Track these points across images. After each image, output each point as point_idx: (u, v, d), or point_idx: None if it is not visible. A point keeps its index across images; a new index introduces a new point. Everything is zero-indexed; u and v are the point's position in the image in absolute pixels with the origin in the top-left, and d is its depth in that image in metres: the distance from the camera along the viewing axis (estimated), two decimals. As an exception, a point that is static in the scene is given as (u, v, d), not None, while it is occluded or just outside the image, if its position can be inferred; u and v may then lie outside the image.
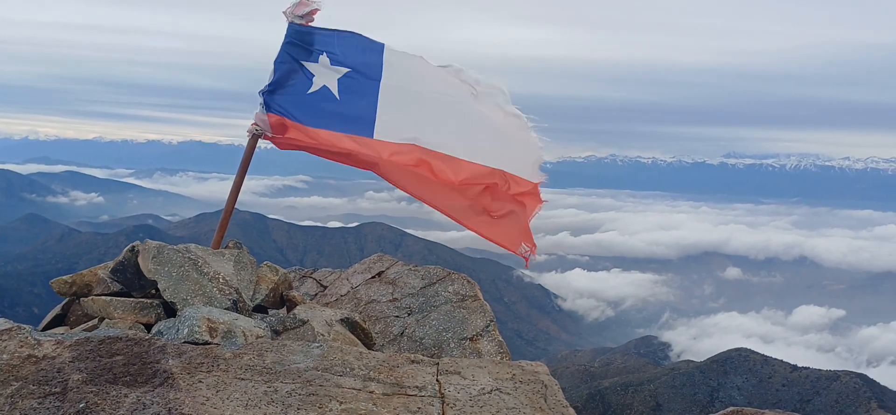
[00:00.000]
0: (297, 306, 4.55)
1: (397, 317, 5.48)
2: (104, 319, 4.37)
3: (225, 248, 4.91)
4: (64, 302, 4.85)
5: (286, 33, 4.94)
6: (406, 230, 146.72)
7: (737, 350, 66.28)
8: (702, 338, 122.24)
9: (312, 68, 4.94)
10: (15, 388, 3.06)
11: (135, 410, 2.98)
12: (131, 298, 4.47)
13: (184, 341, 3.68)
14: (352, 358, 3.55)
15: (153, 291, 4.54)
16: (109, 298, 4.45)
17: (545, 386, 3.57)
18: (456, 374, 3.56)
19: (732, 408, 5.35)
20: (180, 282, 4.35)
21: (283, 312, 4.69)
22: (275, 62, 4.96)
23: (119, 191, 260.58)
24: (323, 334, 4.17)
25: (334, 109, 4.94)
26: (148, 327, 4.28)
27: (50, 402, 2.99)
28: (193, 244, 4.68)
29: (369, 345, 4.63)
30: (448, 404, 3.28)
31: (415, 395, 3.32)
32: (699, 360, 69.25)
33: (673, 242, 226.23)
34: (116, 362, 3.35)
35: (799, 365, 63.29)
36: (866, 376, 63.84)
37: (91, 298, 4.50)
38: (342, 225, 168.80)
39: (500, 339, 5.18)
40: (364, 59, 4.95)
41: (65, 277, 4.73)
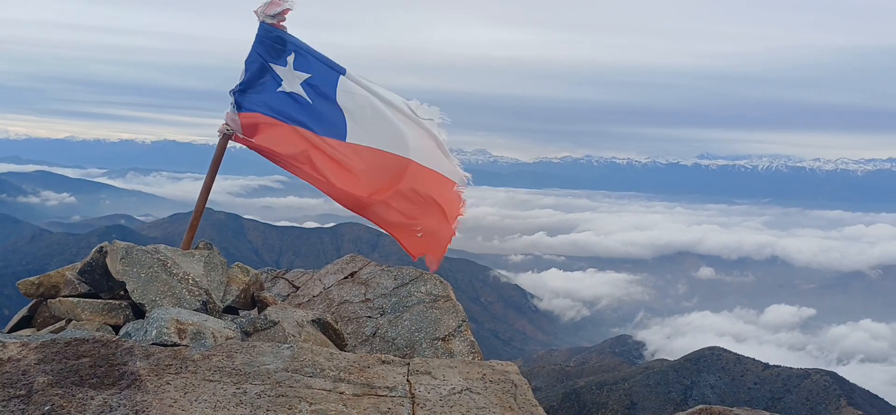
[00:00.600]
0: (269, 307, 4.52)
1: (370, 317, 5.48)
2: (72, 320, 4.32)
3: (195, 248, 4.88)
4: (31, 303, 4.78)
5: (257, 33, 4.92)
6: (382, 231, 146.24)
7: (710, 349, 66.95)
8: (675, 337, 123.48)
9: (281, 71, 4.93)
10: (-22, 391, 3.02)
11: (101, 412, 2.95)
12: (99, 300, 4.42)
13: (152, 343, 3.65)
14: (322, 359, 3.55)
15: (122, 293, 4.49)
16: (77, 299, 4.39)
17: (515, 386, 3.59)
18: (426, 374, 3.57)
19: (701, 406, 5.42)
20: (149, 283, 4.31)
21: (255, 313, 4.66)
22: (246, 61, 4.94)
23: (91, 191, 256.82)
24: (294, 335, 4.16)
25: (305, 107, 4.93)
26: (116, 328, 4.24)
27: (14, 405, 2.95)
28: (163, 245, 4.64)
29: (341, 346, 4.62)
30: (418, 404, 3.29)
31: (385, 395, 3.32)
32: (673, 359, 69.90)
33: (647, 243, 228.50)
34: (83, 364, 3.31)
35: (770, 363, 64.11)
36: (836, 374, 64.92)
37: (58, 299, 4.44)
38: (318, 225, 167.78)
39: (472, 339, 5.20)
40: (323, 72, 4.95)
41: (32, 278, 4.67)
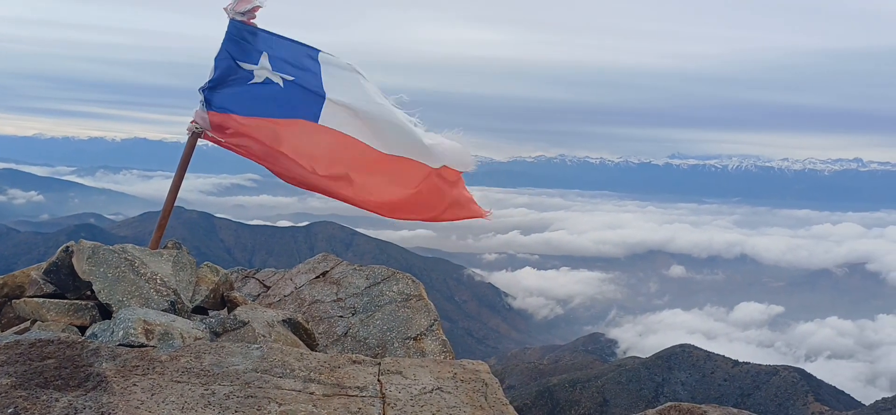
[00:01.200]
0: (238, 307, 4.49)
1: (341, 317, 5.46)
2: (36, 321, 4.24)
3: (164, 248, 4.82)
4: (-6, 304, 4.69)
5: (227, 31, 4.88)
6: (357, 229, 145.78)
7: (681, 346, 67.63)
8: (647, 335, 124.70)
9: (252, 69, 4.88)
10: (-63, 394, 2.96)
11: (66, 414, 2.91)
12: (65, 300, 4.35)
13: (118, 344, 3.61)
14: (292, 359, 3.53)
15: (88, 293, 4.42)
16: (42, 300, 4.32)
17: (486, 385, 3.60)
18: (397, 374, 3.57)
19: (671, 403, 5.49)
20: (116, 283, 4.26)
21: (224, 313, 4.62)
22: (216, 59, 4.89)
23: (60, 189, 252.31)
24: (264, 336, 4.13)
25: (278, 95, 4.88)
26: (82, 329, 4.17)
27: (-25, 408, 2.90)
28: (130, 244, 4.58)
29: (312, 346, 4.60)
30: (389, 404, 3.29)
31: (355, 395, 3.31)
32: (645, 356, 70.54)
33: (620, 241, 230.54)
34: (47, 365, 3.26)
35: (740, 360, 64.99)
36: (803, 370, 65.99)
37: (23, 299, 4.37)
38: (292, 224, 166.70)
39: (444, 338, 5.21)
40: (304, 70, 4.90)
41: (-4, 278, 4.58)
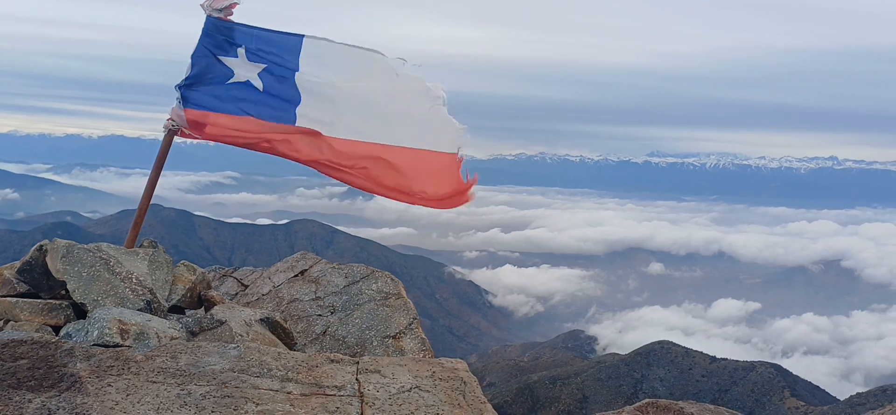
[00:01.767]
0: (216, 307, 4.45)
1: (320, 316, 5.44)
2: (10, 321, 4.19)
3: (139, 247, 4.78)
4: (-34, 304, 4.62)
5: (204, 27, 4.84)
6: (337, 227, 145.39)
7: (659, 343, 68.19)
8: (626, 331, 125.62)
9: (231, 63, 4.85)
10: None
11: (38, 416, 2.87)
12: (39, 300, 4.29)
13: (93, 344, 3.57)
14: (269, 358, 3.51)
15: (62, 292, 4.37)
16: (15, 299, 4.26)
17: (464, 383, 3.61)
18: (376, 372, 3.57)
19: (648, 400, 5.54)
20: (91, 282, 4.21)
21: (201, 312, 4.59)
22: (192, 56, 4.85)
23: (36, 187, 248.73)
24: (241, 335, 4.10)
25: (256, 98, 4.86)
26: (56, 329, 4.12)
27: (-55, 410, 2.86)
28: (105, 243, 4.53)
29: (290, 345, 4.58)
30: (367, 403, 3.28)
31: (333, 395, 3.31)
32: (624, 353, 71.03)
33: (600, 239, 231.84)
34: (21, 366, 3.22)
35: (718, 356, 65.68)
36: (780, 366, 66.90)
37: (-4, 299, 4.31)
38: (272, 222, 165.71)
39: (423, 336, 5.21)
40: (281, 55, 4.88)
41: (-32, 278, 4.50)
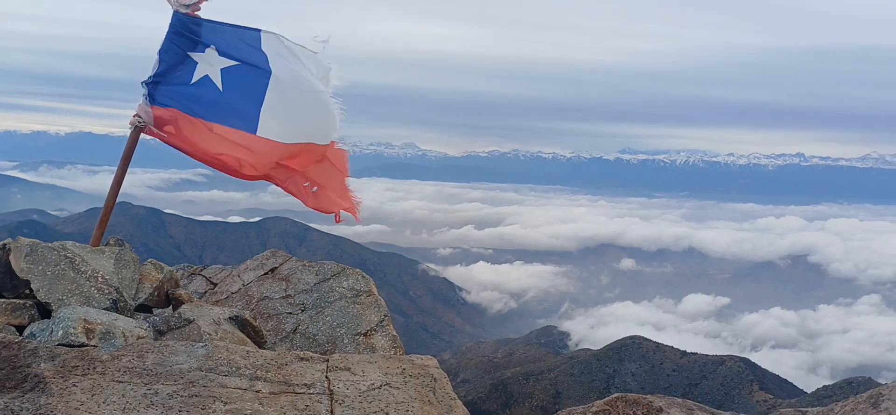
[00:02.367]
0: (184, 305, 4.41)
1: (290, 314, 5.41)
2: (-29, 322, 4.10)
3: (105, 245, 4.71)
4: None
5: (170, 23, 4.78)
6: (310, 225, 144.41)
7: (631, 338, 68.94)
8: (599, 327, 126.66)
9: (198, 58, 4.80)
10: None
11: (1, 417, 2.83)
12: (2, 299, 4.21)
13: (58, 344, 3.52)
14: (238, 357, 3.49)
15: (26, 292, 4.30)
16: (-23, 299, 4.18)
17: (434, 379, 3.62)
18: (346, 370, 3.56)
19: (617, 395, 5.60)
20: (55, 281, 4.14)
21: (169, 311, 4.54)
22: (159, 52, 4.79)
23: (1, 185, 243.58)
24: (209, 334, 4.06)
25: (217, 99, 4.83)
26: (20, 329, 4.05)
27: None
28: (70, 242, 4.46)
29: (260, 343, 4.55)
30: (337, 400, 3.28)
31: (303, 393, 3.30)
32: (596, 348, 71.65)
33: (572, 235, 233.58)
34: (-18, 367, 3.17)
35: (688, 351, 66.57)
36: (749, 359, 67.94)
37: (-43, 299, 4.22)
38: (243, 220, 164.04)
39: (394, 333, 5.22)
40: (250, 52, 4.86)
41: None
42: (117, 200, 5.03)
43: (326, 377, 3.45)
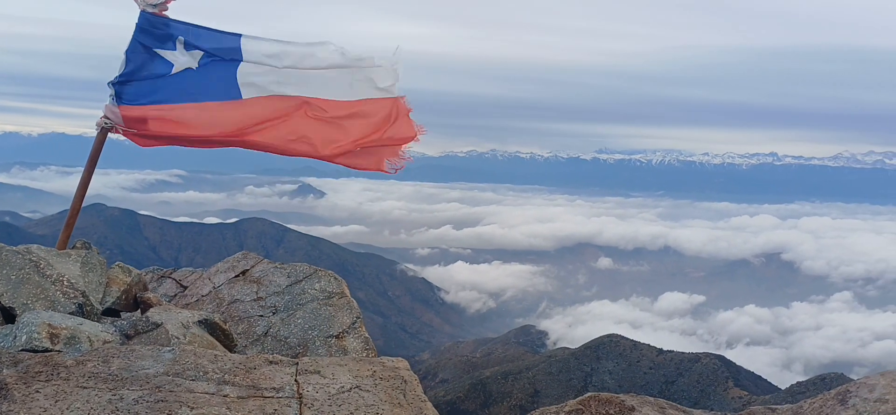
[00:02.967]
0: (152, 309, 4.36)
1: (262, 316, 5.36)
2: (-68, 327, 4.02)
3: (72, 248, 4.64)
4: None
5: (137, 23, 4.72)
6: (288, 226, 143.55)
7: (608, 336, 69.28)
8: (576, 325, 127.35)
9: (170, 56, 4.75)
10: None
11: (-40, 426, 2.77)
12: (-35, 305, 4.14)
13: (21, 349, 3.46)
14: (206, 361, 3.45)
15: (-10, 297, 4.22)
16: (-62, 304, 4.09)
17: (404, 382, 3.61)
18: (315, 373, 3.53)
19: (590, 394, 5.62)
20: (20, 285, 4.07)
21: (137, 315, 4.48)
22: (126, 52, 4.72)
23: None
24: (178, 338, 4.02)
25: (198, 82, 4.78)
26: (-17, 335, 3.98)
27: None
28: (36, 245, 4.39)
29: (230, 347, 4.51)
30: (306, 404, 3.25)
31: (271, 396, 3.27)
32: (574, 347, 71.92)
33: (550, 235, 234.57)
34: (-58, 374, 3.10)
35: (664, 349, 67.02)
36: (724, 357, 68.61)
37: (-83, 305, 4.13)
38: (220, 221, 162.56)
39: (367, 335, 5.19)
40: (221, 46, 4.81)
41: None
42: (92, 202, 4.97)
43: (296, 381, 3.43)
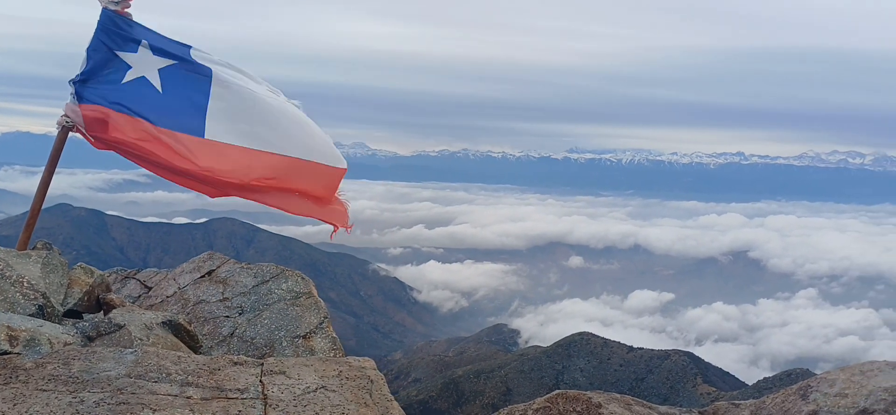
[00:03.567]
0: (115, 310, 4.29)
1: (227, 317, 5.31)
2: None
3: (32, 249, 4.56)
4: None
5: (99, 20, 4.64)
6: (258, 226, 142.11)
7: (579, 334, 69.73)
8: (548, 324, 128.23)
9: (130, 59, 4.65)
10: None
11: (-87, 431, 2.71)
12: (-80, 308, 4.04)
13: (-22, 353, 3.39)
14: (169, 363, 3.41)
15: (-54, 299, 4.12)
16: None
17: (371, 381, 3.61)
18: (281, 374, 3.51)
19: (558, 391, 5.67)
20: (-23, 288, 3.99)
21: (99, 316, 4.42)
22: (87, 50, 4.64)
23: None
24: (140, 339, 3.96)
25: (156, 101, 4.66)
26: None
27: None
28: (-6, 246, 4.30)
29: (195, 348, 4.46)
30: (271, 405, 3.23)
31: (235, 398, 3.24)
32: (545, 345, 72.32)
33: (521, 234, 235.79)
34: None
35: (634, 346, 67.75)
36: (693, 354, 69.51)
37: None
38: (189, 221, 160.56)
39: (334, 335, 5.17)
40: (184, 54, 4.72)
41: None
42: (57, 202, 4.89)
43: (260, 382, 3.40)
